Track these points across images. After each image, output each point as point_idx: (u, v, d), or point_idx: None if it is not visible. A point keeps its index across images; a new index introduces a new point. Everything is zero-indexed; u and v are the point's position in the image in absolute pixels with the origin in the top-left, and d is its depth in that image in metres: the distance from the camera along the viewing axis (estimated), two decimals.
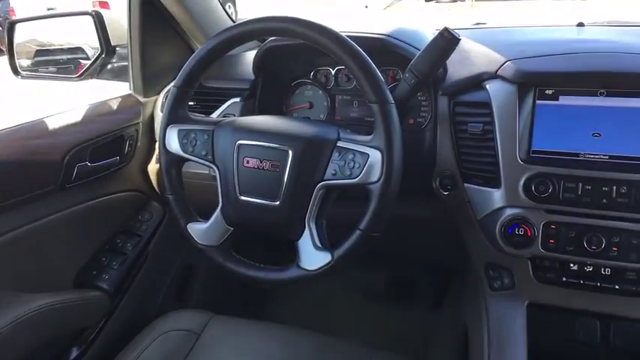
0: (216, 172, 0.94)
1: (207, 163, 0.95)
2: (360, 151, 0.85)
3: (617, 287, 0.92)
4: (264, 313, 1.66)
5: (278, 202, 0.89)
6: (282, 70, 1.25)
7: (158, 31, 1.32)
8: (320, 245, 0.89)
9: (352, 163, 0.85)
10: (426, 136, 1.11)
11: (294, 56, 1.22)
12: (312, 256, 0.88)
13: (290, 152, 0.88)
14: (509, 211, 0.95)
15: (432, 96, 1.11)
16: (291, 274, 0.90)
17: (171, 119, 0.97)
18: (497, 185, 0.97)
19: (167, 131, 0.97)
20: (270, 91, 1.24)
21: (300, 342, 1.04)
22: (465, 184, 1.02)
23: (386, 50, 1.08)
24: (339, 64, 0.95)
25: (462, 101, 1.03)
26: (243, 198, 0.92)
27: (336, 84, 1.22)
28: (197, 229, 0.96)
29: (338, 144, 0.88)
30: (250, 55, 1.24)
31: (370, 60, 0.86)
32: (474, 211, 1.01)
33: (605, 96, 0.92)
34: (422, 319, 1.58)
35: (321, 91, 1.24)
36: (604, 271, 0.92)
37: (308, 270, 0.88)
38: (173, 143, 0.96)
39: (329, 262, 0.87)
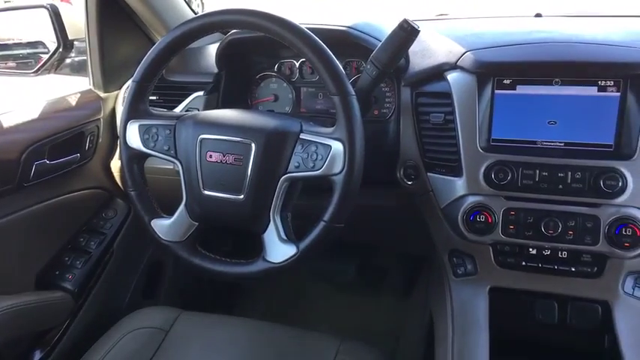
0: (179, 167, 0.94)
1: (169, 158, 0.94)
2: (322, 143, 0.86)
3: (573, 269, 0.95)
4: (235, 308, 1.66)
5: (242, 196, 0.89)
6: (246, 63, 1.24)
7: (117, 24, 1.28)
8: (285, 238, 0.89)
9: (315, 155, 0.86)
10: (390, 127, 1.12)
11: (258, 49, 1.21)
12: (278, 249, 0.88)
13: (253, 145, 0.88)
14: (470, 199, 0.98)
15: (395, 87, 1.12)
16: (257, 267, 0.90)
17: (131, 114, 0.95)
18: (459, 174, 0.99)
19: (127, 127, 0.95)
20: (234, 84, 1.23)
21: (269, 335, 1.04)
22: (428, 174, 1.04)
23: (348, 42, 1.08)
24: (301, 56, 0.95)
25: (424, 92, 1.04)
26: (206, 192, 0.91)
27: (301, 76, 1.22)
28: (161, 225, 0.95)
29: (301, 136, 0.88)
30: (214, 48, 1.23)
31: (330, 52, 0.86)
32: (437, 200, 1.03)
33: (560, 85, 0.94)
34: (392, 307, 1.60)
35: (285, 84, 1.24)
36: (561, 254, 0.95)
37: (274, 263, 0.89)
38: (134, 139, 0.95)
39: (294, 255, 0.87)
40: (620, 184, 0.89)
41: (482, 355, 0.90)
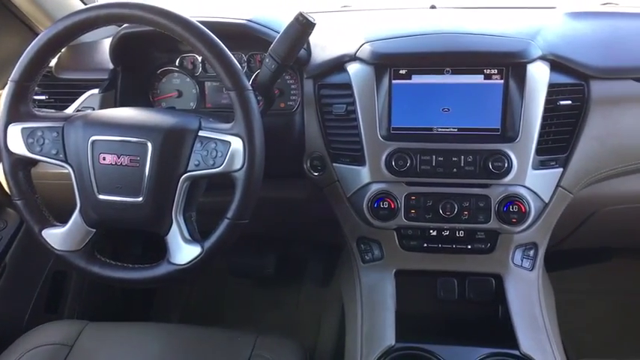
0: (71, 171, 0.88)
1: (58, 162, 0.88)
2: (221, 140, 0.84)
3: (469, 247, 1.02)
4: (151, 314, 1.60)
5: (141, 198, 0.86)
6: (144, 58, 1.18)
7: None
8: (189, 238, 0.87)
9: (215, 152, 0.84)
10: (296, 119, 1.13)
11: (156, 43, 1.16)
12: (182, 250, 0.86)
13: (149, 145, 0.85)
14: (374, 187, 1.01)
15: (299, 79, 1.12)
16: (161, 270, 0.87)
17: (11, 117, 0.88)
18: (362, 163, 1.02)
19: (8, 131, 0.88)
20: (133, 80, 1.17)
21: (182, 338, 1.02)
22: (334, 164, 1.06)
23: (249, 35, 1.07)
24: (193, 51, 0.92)
25: (326, 83, 1.06)
26: (102, 197, 0.87)
27: (204, 71, 1.19)
28: (54, 235, 0.90)
29: (199, 133, 0.86)
30: (108, 43, 1.16)
31: (224, 46, 0.84)
32: (343, 189, 1.05)
33: (451, 74, 0.99)
34: (313, 296, 1.63)
35: (188, 79, 1.20)
36: (458, 233, 1.01)
37: (178, 264, 0.86)
38: (17, 144, 0.88)
39: (199, 255, 0.86)
40: (506, 164, 0.96)
41: (389, 334, 0.94)
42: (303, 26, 0.92)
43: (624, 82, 1.01)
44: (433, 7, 1.34)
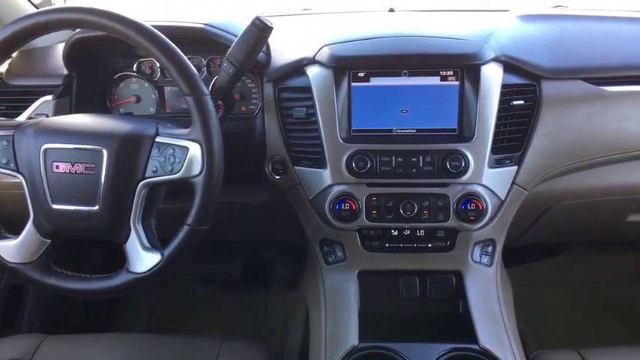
0: (22, 181, 0.86)
1: (9, 172, 0.86)
2: (179, 145, 0.84)
3: (430, 245, 1.04)
4: (115, 324, 1.56)
5: (97, 207, 0.84)
6: (99, 63, 1.16)
7: None
8: (149, 246, 0.86)
9: (173, 158, 0.83)
10: (257, 123, 1.12)
11: (112, 47, 1.14)
12: (142, 259, 0.85)
13: (104, 152, 0.83)
14: (336, 189, 1.02)
15: (259, 83, 1.12)
16: (120, 280, 0.86)
17: None
18: (323, 165, 1.02)
19: None
20: (88, 86, 1.15)
21: (145, 348, 1.00)
22: (296, 167, 1.06)
23: (207, 39, 1.06)
24: (149, 56, 0.91)
25: (286, 87, 1.06)
26: (56, 206, 0.84)
27: (163, 75, 1.17)
28: (6, 247, 0.87)
29: (157, 139, 0.85)
30: (62, 48, 1.13)
31: (179, 51, 0.84)
32: (305, 192, 1.06)
33: (409, 76, 1.01)
34: (281, 300, 1.62)
35: (147, 84, 1.18)
36: (419, 233, 1.03)
37: (138, 273, 0.85)
38: None
39: (159, 262, 0.84)
40: (463, 164, 0.99)
41: (353, 334, 0.95)
42: (260, 30, 0.92)
43: (573, 82, 1.05)
44: (392, 10, 1.36)
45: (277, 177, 1.08)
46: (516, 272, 1.29)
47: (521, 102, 1.01)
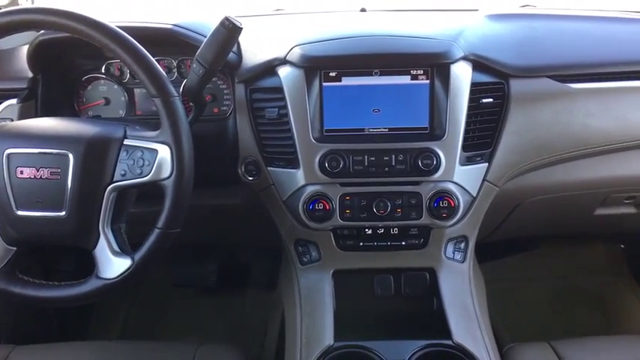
0: None
1: None
2: (148, 148, 0.82)
3: (403, 243, 1.05)
4: (89, 332, 1.53)
5: (64, 213, 0.82)
6: (66, 65, 1.13)
7: None
8: (119, 251, 0.85)
9: (141, 161, 0.82)
10: (229, 124, 1.12)
11: (78, 49, 1.11)
12: (111, 264, 0.84)
13: (70, 157, 0.82)
14: (309, 189, 1.02)
15: (231, 84, 1.11)
16: (90, 286, 0.84)
17: None
18: (296, 166, 1.02)
19: None
20: (55, 89, 1.12)
21: (119, 355, 0.98)
22: (269, 168, 1.05)
23: (176, 40, 1.05)
24: (115, 57, 0.90)
25: (257, 87, 1.05)
26: (21, 213, 0.82)
27: (132, 77, 1.15)
28: None
29: (125, 142, 0.84)
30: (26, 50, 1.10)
31: (146, 52, 0.82)
32: (278, 193, 1.05)
33: (380, 75, 1.02)
34: (259, 302, 1.61)
35: (116, 86, 1.16)
36: (392, 231, 1.04)
37: (108, 279, 0.84)
38: None
39: (130, 267, 0.83)
40: (434, 162, 1.00)
41: (328, 334, 0.95)
42: (229, 31, 0.91)
43: (540, 79, 1.07)
44: (363, 10, 1.37)
45: (250, 178, 1.07)
46: (490, 268, 1.31)
47: (491, 100, 1.03)
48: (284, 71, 1.03)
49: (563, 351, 0.98)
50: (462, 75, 1.01)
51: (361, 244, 1.05)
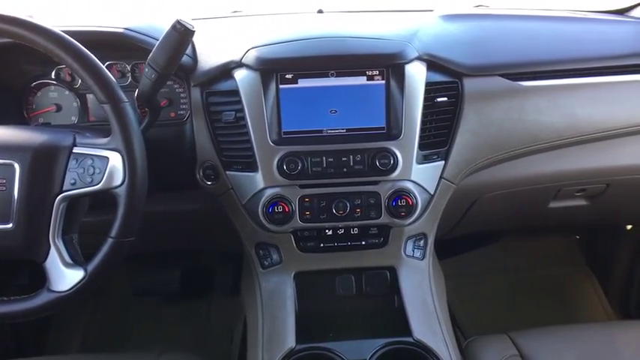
0: None
1: None
2: (98, 156, 0.80)
3: (364, 243, 1.06)
4: (48, 346, 1.48)
5: (11, 225, 0.79)
6: (12, 71, 1.09)
7: None
8: (71, 262, 0.82)
9: (92, 169, 0.80)
10: (187, 129, 1.10)
11: (25, 54, 1.07)
12: (64, 276, 0.81)
13: (16, 167, 0.79)
14: (268, 192, 1.01)
15: (187, 88, 1.10)
16: (41, 300, 0.81)
17: None
18: (255, 169, 1.02)
19: None
20: (1, 96, 1.08)
21: None
22: (227, 172, 1.05)
23: (128, 44, 1.02)
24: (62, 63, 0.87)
25: (213, 91, 1.04)
26: None
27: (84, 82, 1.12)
28: None
29: (74, 150, 0.81)
30: None
31: (93, 57, 0.80)
32: (238, 197, 1.05)
33: (336, 76, 1.02)
34: (225, 307, 1.60)
35: (67, 92, 1.12)
36: (353, 231, 1.05)
37: (60, 292, 0.81)
38: None
39: (82, 279, 0.81)
40: (392, 161, 1.01)
41: (290, 337, 0.95)
42: (181, 34, 0.90)
43: (492, 78, 1.10)
44: (320, 11, 1.37)
45: (209, 183, 1.06)
46: (452, 262, 1.34)
47: (445, 99, 1.05)
48: (240, 74, 1.02)
49: (521, 342, 1.01)
50: (417, 75, 1.03)
51: (322, 245, 1.05)
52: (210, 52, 1.08)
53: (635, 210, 1.42)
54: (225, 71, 1.04)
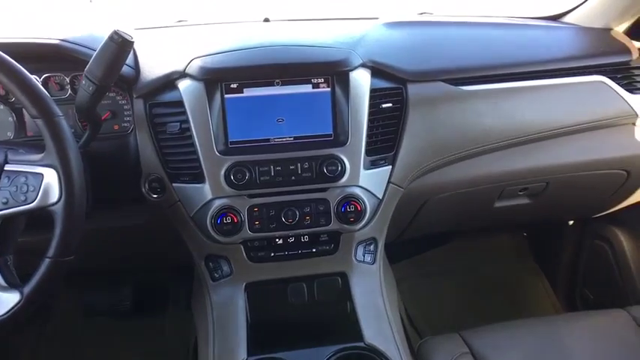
0: None
1: None
2: (32, 172, 0.77)
3: (314, 250, 1.06)
4: None
5: None
6: None
7: None
8: (5, 285, 0.78)
9: (25, 187, 0.77)
10: (130, 141, 1.07)
11: None
12: None
13: None
14: (217, 202, 1.00)
15: (130, 99, 1.07)
16: None
17: None
18: (202, 180, 1.00)
19: None
20: None
21: None
22: (174, 184, 1.03)
23: (64, 56, 0.99)
24: None
25: (157, 102, 1.02)
26: None
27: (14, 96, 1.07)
28: None
29: (6, 168, 0.78)
30: None
31: (22, 69, 0.77)
32: (185, 209, 1.03)
33: (281, 85, 1.02)
34: (180, 322, 1.56)
35: (2, 106, 1.07)
36: (303, 239, 1.05)
37: None
38: None
39: (19, 302, 0.77)
40: (339, 168, 1.01)
41: (242, 349, 0.94)
42: (119, 45, 0.87)
43: (435, 83, 1.13)
44: (267, 20, 1.37)
45: (155, 196, 1.03)
46: (405, 265, 1.36)
47: (390, 105, 1.07)
48: (184, 84, 1.01)
49: (472, 340, 1.03)
50: (362, 81, 1.04)
51: (272, 254, 1.04)
52: (153, 63, 1.06)
53: (573, 206, 1.48)
54: (169, 82, 1.02)
